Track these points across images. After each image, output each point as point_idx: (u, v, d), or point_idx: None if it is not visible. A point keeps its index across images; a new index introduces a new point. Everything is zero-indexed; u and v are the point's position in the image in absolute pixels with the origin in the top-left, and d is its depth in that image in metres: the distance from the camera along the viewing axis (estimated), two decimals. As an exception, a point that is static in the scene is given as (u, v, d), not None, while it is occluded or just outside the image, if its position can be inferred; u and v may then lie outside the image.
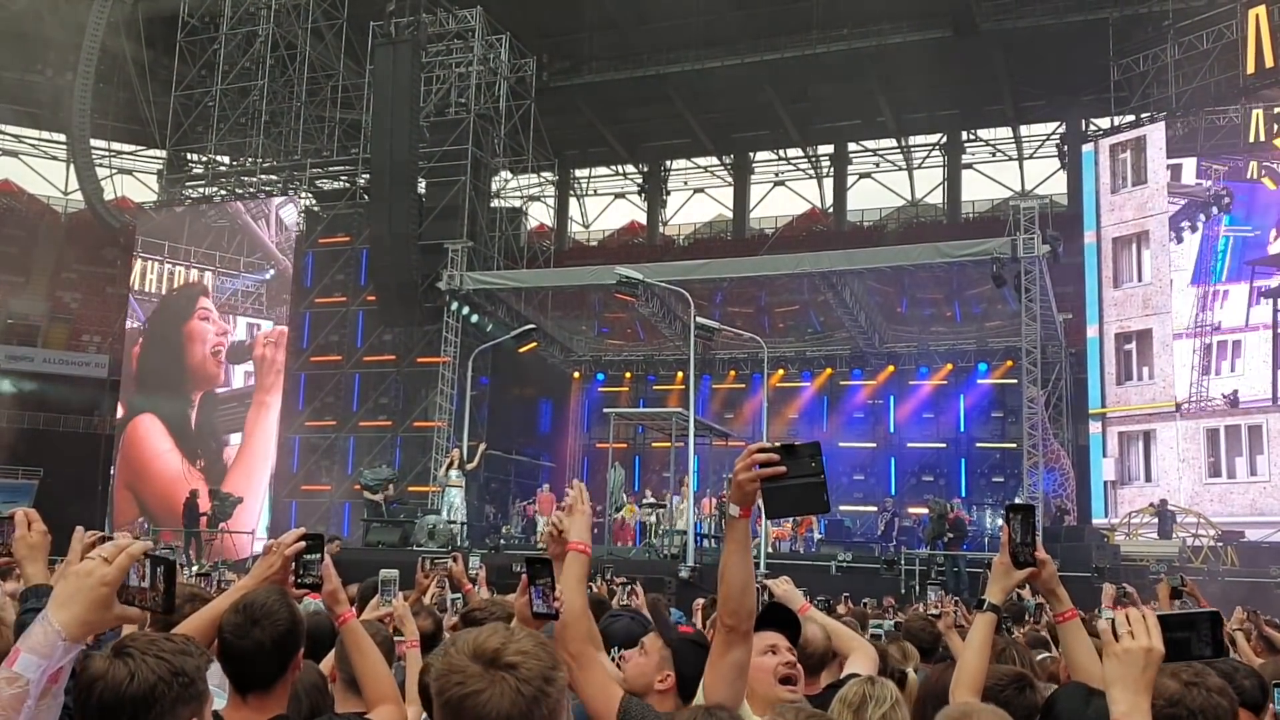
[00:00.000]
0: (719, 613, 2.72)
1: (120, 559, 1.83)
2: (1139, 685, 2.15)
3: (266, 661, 2.79)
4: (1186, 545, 21.88)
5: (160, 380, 31.22)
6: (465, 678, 1.80)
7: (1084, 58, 28.94)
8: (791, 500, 2.57)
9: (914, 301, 31.28)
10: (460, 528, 21.00)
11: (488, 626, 1.97)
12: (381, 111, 28.03)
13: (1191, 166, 25.98)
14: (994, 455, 29.30)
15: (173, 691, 1.99)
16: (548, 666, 1.86)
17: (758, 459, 2.55)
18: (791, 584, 4.43)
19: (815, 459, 2.56)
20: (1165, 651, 2.17)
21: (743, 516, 2.63)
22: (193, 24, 32.01)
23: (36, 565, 2.68)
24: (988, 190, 39.09)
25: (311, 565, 3.04)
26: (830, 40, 32.41)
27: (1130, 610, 2.21)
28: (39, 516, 2.75)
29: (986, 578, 3.20)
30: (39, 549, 2.70)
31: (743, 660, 2.69)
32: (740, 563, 2.65)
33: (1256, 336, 24.89)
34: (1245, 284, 25.27)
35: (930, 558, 19.58)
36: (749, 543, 2.71)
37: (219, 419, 31.38)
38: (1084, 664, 3.11)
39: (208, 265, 32.02)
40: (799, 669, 3.14)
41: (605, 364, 32.62)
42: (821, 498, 2.56)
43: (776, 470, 2.53)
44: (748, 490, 2.56)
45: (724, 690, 2.62)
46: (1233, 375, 24.94)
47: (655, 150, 42.23)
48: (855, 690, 3.17)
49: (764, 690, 3.03)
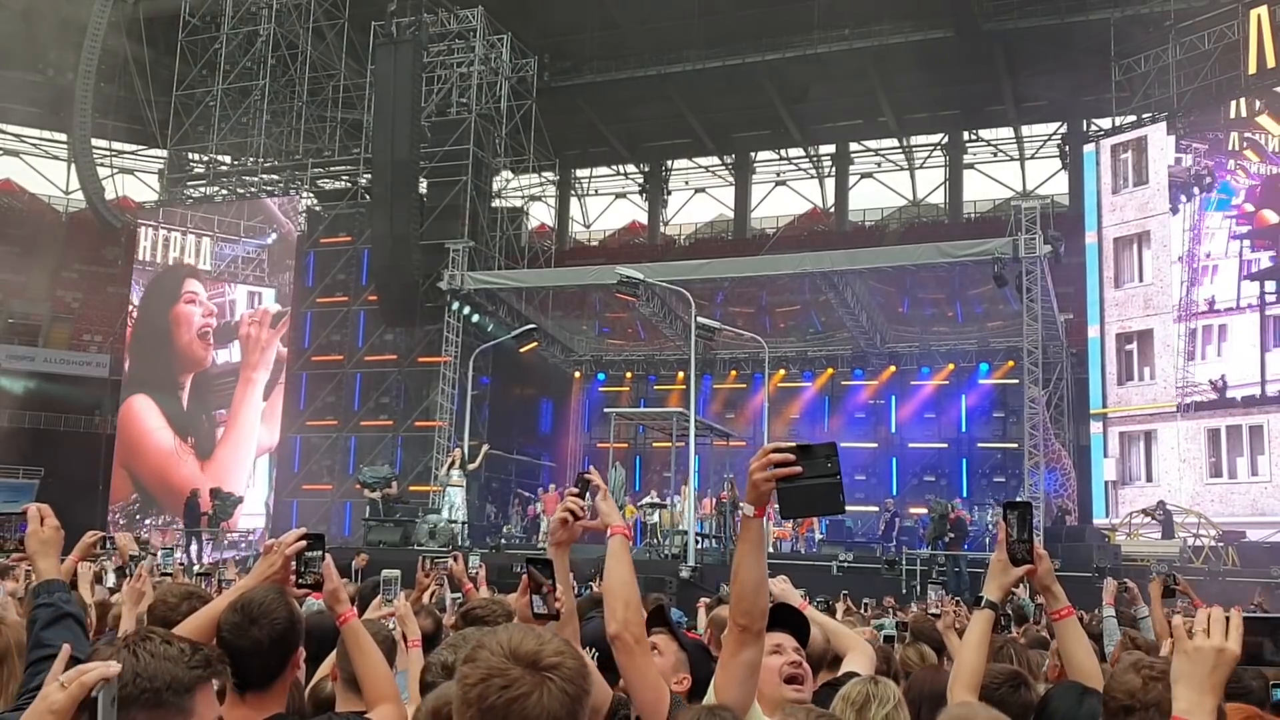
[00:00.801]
0: (731, 612, 2.72)
1: (73, 689, 1.80)
2: (1205, 685, 2.11)
3: (265, 660, 2.79)
4: (1187, 545, 21.87)
5: (151, 365, 31.30)
6: (509, 681, 1.79)
7: (1085, 58, 28.96)
8: (807, 501, 2.56)
9: (915, 301, 31.28)
10: (461, 527, 21.01)
11: (509, 628, 1.96)
12: (383, 111, 28.04)
13: (1171, 145, 25.97)
14: (995, 455, 29.31)
15: (124, 691, 1.92)
16: (583, 665, 1.88)
17: (773, 459, 2.53)
18: (789, 583, 4.43)
19: (831, 459, 2.53)
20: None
21: (757, 516, 2.61)
22: (194, 23, 32.04)
23: (48, 560, 2.69)
24: (989, 190, 39.15)
25: (313, 564, 3.04)
26: (832, 40, 32.44)
27: (1215, 609, 2.18)
28: (52, 512, 2.76)
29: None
30: (51, 544, 2.70)
31: (754, 660, 2.67)
32: (753, 562, 2.64)
33: (1244, 320, 24.80)
34: (1234, 260, 25.25)
35: (931, 558, 19.58)
36: (763, 542, 2.69)
37: (211, 395, 31.45)
38: (1080, 661, 3.11)
39: (205, 230, 31.87)
40: (805, 669, 3.13)
41: (606, 364, 32.63)
42: (837, 498, 2.54)
43: (792, 470, 2.52)
44: (763, 490, 2.55)
45: (735, 690, 2.61)
46: (1219, 360, 24.88)
47: (656, 150, 42.24)
48: (859, 689, 3.17)
49: (770, 690, 3.03)
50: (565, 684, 1.81)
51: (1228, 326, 24.99)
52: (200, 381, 31.45)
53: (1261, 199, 25.02)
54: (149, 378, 31.19)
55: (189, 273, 31.78)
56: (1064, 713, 2.87)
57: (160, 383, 31.13)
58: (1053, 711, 2.90)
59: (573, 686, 1.82)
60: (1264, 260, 24.99)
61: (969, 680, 3.00)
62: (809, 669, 3.18)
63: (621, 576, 2.82)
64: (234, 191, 33.02)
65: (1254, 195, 25.21)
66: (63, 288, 37.94)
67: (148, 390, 31.06)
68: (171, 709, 1.96)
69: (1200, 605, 6.92)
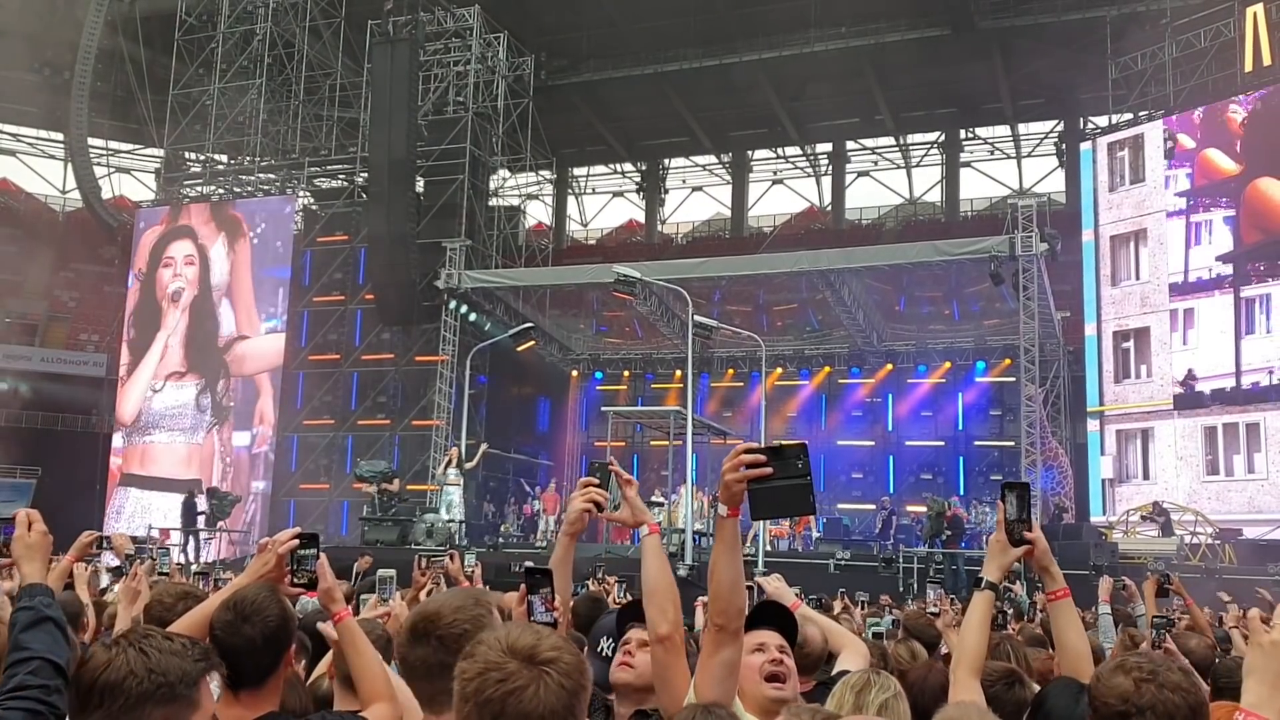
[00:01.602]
0: (709, 611, 2.72)
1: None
2: (1278, 681, 2.08)
3: (258, 658, 2.80)
4: (1184, 543, 21.88)
5: (148, 330, 31.81)
6: (506, 675, 1.79)
7: (1082, 55, 28.95)
8: (778, 502, 2.56)
9: (912, 300, 31.31)
10: (459, 526, 21.00)
11: (508, 625, 1.98)
12: (379, 110, 28.02)
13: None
14: (992, 453, 29.33)
15: (141, 688, 1.97)
16: (579, 660, 1.88)
17: (744, 459, 2.54)
18: (783, 581, 4.43)
19: (802, 460, 2.53)
20: None
21: (731, 516, 2.63)
22: (190, 22, 32.00)
23: (33, 565, 2.69)
24: (986, 188, 39.16)
25: (306, 562, 3.04)
26: (828, 39, 32.42)
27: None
28: (40, 518, 2.76)
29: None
30: (36, 549, 2.70)
31: (733, 660, 2.68)
32: (729, 562, 2.65)
33: (1212, 303, 24.77)
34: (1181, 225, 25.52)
35: (928, 556, 19.59)
36: (738, 542, 2.70)
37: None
38: (1073, 643, 3.10)
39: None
40: (786, 666, 3.12)
41: (603, 362, 32.63)
42: (808, 499, 2.55)
43: (763, 471, 2.52)
44: (735, 491, 2.56)
45: (714, 689, 2.62)
46: (1184, 349, 24.90)
47: (653, 148, 42.22)
48: (860, 676, 3.16)
49: (751, 688, 3.03)
50: (563, 678, 1.81)
51: (1194, 311, 24.96)
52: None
53: (1203, 136, 25.05)
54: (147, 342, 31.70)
55: (184, 233, 32.01)
56: (1060, 711, 2.85)
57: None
58: (1049, 710, 2.88)
59: (570, 680, 1.81)
60: (1217, 222, 24.90)
61: (972, 662, 2.98)
62: (792, 666, 3.16)
63: (667, 576, 2.80)
64: (230, 190, 32.98)
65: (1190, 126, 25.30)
66: (60, 287, 37.93)
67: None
68: (183, 701, 2.02)
69: (1192, 604, 6.89)
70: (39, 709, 2.20)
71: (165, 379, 31.27)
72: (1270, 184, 24.06)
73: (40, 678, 2.24)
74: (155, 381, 31.36)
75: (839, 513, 27.53)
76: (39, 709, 2.20)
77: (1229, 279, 24.48)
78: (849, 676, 3.21)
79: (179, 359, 31.29)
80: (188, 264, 31.68)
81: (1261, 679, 2.09)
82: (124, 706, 1.97)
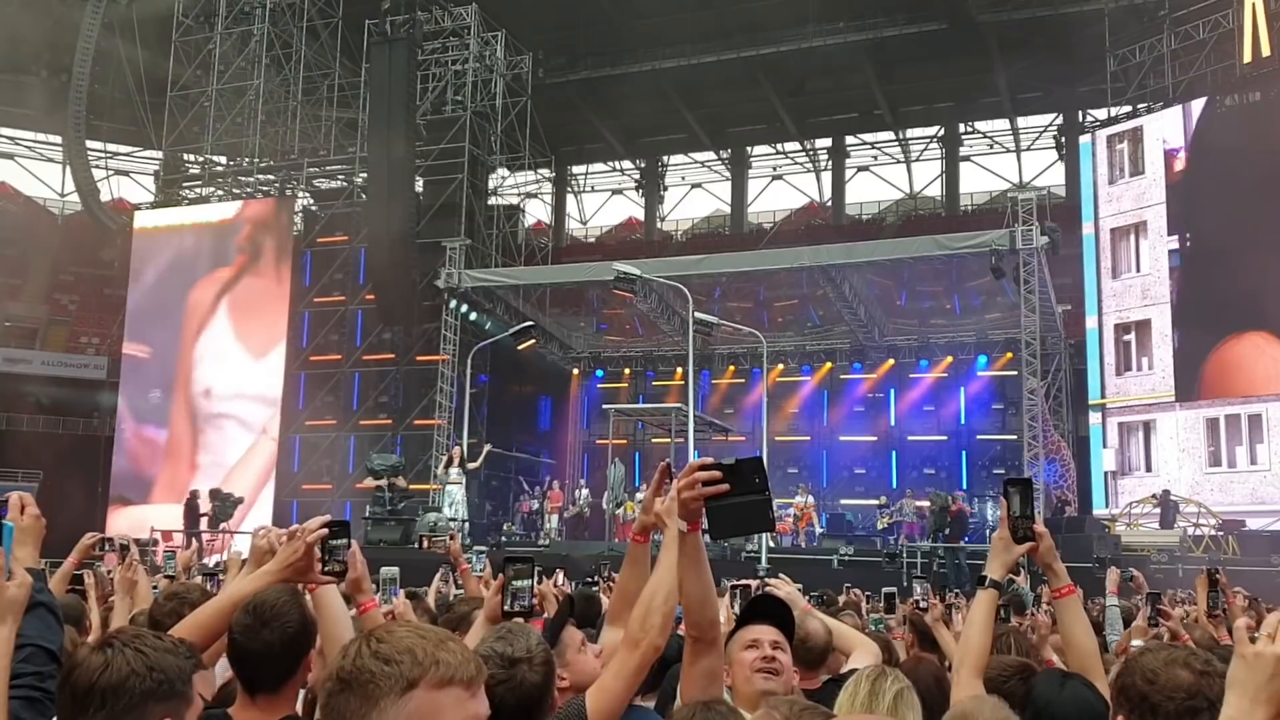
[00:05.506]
0: (684, 624, 2.71)
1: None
2: (1260, 694, 1.98)
3: (276, 663, 2.74)
4: (1187, 535, 21.86)
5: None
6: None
7: (1081, 49, 28.89)
8: (736, 519, 2.50)
9: (913, 294, 31.28)
10: (461, 525, 20.97)
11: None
12: (378, 110, 28.00)
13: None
14: (994, 447, 29.29)
15: (144, 686, 2.00)
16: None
17: (699, 477, 2.47)
18: (792, 585, 4.41)
19: (759, 475, 2.47)
20: None
21: (691, 531, 2.57)
22: (188, 24, 31.98)
23: (24, 549, 2.65)
24: (986, 182, 39.12)
25: (337, 552, 2.95)
26: (826, 34, 32.38)
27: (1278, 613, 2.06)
28: (33, 501, 2.73)
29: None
30: (30, 533, 2.65)
31: (712, 667, 2.69)
32: (695, 576, 2.61)
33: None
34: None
35: (931, 551, 19.58)
36: (702, 555, 2.64)
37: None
38: (1080, 640, 3.08)
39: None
40: (780, 661, 3.11)
41: (604, 360, 32.60)
42: (767, 516, 2.51)
43: (719, 489, 2.46)
44: (692, 509, 2.51)
45: (698, 696, 2.63)
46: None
47: (652, 146, 42.18)
48: (875, 668, 3.15)
49: (742, 685, 3.04)
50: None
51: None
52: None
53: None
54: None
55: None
56: (1046, 698, 2.85)
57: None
58: (1035, 698, 2.88)
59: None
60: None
61: (975, 662, 2.95)
62: (787, 661, 3.15)
63: (672, 584, 2.72)
64: (229, 192, 32.96)
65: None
66: (59, 290, 37.92)
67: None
68: (180, 698, 2.07)
69: (1233, 602, 6.74)
70: (34, 695, 2.19)
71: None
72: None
73: (34, 664, 2.23)
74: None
75: (842, 508, 27.49)
76: (34, 695, 2.19)
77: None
78: (864, 669, 3.20)
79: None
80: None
81: (1243, 692, 2.00)
82: (127, 705, 1.99)
